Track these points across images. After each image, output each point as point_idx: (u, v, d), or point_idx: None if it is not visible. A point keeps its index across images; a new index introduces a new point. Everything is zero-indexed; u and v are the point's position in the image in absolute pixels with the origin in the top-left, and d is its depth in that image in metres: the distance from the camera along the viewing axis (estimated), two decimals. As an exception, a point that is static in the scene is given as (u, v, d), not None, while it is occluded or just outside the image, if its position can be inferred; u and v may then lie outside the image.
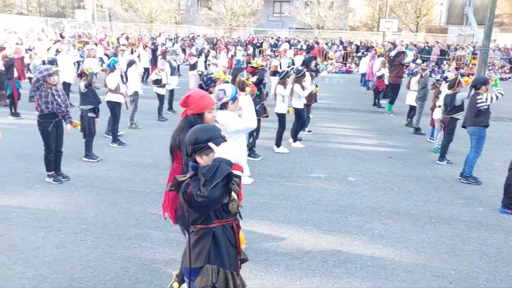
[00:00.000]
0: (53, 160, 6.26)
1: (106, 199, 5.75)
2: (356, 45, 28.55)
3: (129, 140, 8.67)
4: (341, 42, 29.07)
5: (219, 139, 2.53)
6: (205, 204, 2.39)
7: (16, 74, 11.00)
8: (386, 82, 13.34)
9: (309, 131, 9.99)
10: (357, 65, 24.62)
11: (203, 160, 2.52)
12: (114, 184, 6.32)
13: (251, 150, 7.65)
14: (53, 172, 6.27)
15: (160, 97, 10.71)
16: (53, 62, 12.81)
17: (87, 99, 7.15)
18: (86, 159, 7.29)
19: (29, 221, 5.01)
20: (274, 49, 25.53)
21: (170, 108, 11.83)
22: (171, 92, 11.72)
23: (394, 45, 23.04)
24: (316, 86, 9.19)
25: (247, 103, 4.20)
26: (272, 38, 30.12)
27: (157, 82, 10.41)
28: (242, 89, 4.99)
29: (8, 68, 10.71)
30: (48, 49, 17.01)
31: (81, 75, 7.20)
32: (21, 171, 6.73)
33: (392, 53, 12.84)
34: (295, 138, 8.79)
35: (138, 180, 6.52)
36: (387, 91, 13.67)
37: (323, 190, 6.37)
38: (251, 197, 5.89)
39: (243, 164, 4.31)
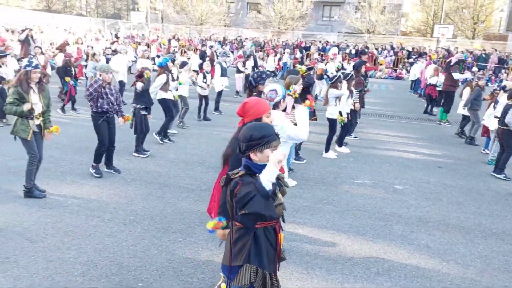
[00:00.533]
0: (103, 154, 6.55)
1: (154, 193, 5.96)
2: (407, 51, 27.75)
3: (176, 138, 8.93)
4: (392, 48, 28.37)
5: (274, 136, 2.53)
6: (241, 221, 2.48)
7: (73, 72, 11.54)
8: (439, 88, 12.89)
9: (355, 137, 9.84)
10: (408, 71, 23.92)
11: (257, 157, 2.51)
12: (161, 179, 6.53)
13: (296, 153, 7.64)
14: (97, 165, 6.54)
15: (201, 97, 10.91)
16: (108, 61, 13.37)
17: (140, 99, 7.44)
18: (136, 154, 7.59)
19: (82, 210, 5.29)
20: (322, 53, 25.31)
21: (217, 108, 12.03)
22: (219, 93, 11.92)
23: (449, 51, 22.16)
24: (341, 114, 8.10)
25: (303, 115, 4.21)
26: (320, 42, 29.89)
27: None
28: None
29: (65, 67, 11.20)
30: (104, 49, 17.82)
31: (140, 76, 7.48)
32: (77, 163, 7.10)
33: (453, 59, 12.30)
34: (340, 143, 8.70)
35: (184, 176, 6.70)
36: (440, 98, 13.18)
37: (368, 196, 6.26)
38: (294, 199, 5.89)
39: (284, 165, 4.33)
